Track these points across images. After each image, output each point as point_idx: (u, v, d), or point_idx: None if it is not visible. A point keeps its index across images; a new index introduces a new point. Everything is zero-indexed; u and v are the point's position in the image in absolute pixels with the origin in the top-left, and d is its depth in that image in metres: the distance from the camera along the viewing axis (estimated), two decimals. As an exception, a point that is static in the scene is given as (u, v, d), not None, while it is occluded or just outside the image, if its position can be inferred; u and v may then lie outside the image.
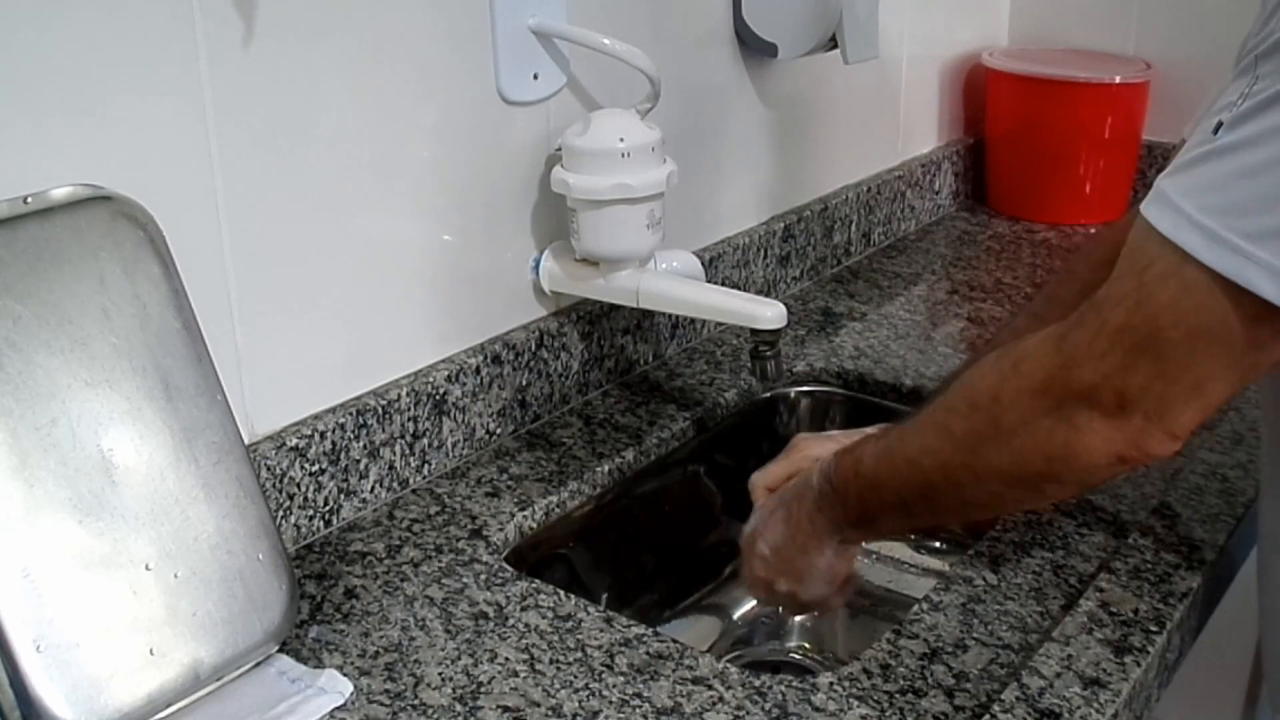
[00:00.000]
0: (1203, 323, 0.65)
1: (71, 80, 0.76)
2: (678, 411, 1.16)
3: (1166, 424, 0.68)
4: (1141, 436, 0.69)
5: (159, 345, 0.75)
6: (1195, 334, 0.65)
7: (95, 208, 0.74)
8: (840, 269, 1.53)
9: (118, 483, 0.72)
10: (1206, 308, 0.64)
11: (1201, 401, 0.68)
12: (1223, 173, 0.63)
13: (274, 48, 0.86)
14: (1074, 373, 0.70)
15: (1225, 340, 0.65)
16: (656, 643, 0.83)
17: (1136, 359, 0.67)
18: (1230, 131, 0.63)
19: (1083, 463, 0.72)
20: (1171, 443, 0.69)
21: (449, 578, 0.91)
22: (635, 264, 1.08)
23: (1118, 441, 0.70)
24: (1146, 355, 0.67)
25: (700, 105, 1.26)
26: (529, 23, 1.03)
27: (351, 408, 0.96)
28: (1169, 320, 0.66)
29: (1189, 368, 0.66)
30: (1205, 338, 0.65)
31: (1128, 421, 0.69)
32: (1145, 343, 0.67)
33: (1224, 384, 0.67)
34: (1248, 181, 0.62)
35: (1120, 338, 0.68)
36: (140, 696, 0.71)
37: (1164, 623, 0.84)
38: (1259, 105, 0.62)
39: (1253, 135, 0.62)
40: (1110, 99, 1.66)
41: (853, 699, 0.78)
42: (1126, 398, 0.68)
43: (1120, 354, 0.68)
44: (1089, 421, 0.70)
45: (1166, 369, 0.67)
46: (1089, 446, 0.71)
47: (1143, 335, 0.67)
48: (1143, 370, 0.67)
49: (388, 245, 0.98)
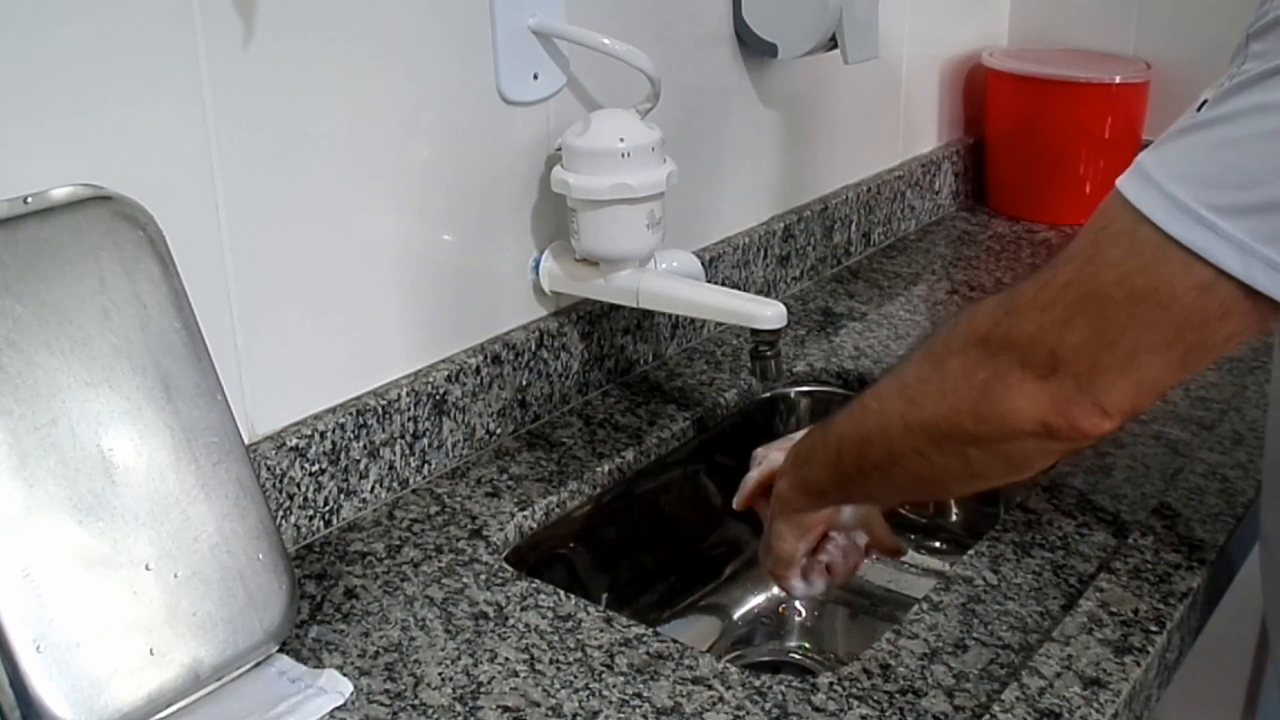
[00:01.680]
0: (1147, 284, 0.64)
1: (71, 80, 0.76)
2: (678, 411, 1.16)
3: (1096, 394, 0.66)
4: (1069, 405, 0.67)
5: (159, 345, 0.75)
6: (1137, 296, 0.64)
7: (95, 208, 0.74)
8: (840, 269, 1.53)
9: (118, 483, 0.72)
10: (1153, 270, 0.63)
11: (1135, 376, 0.66)
12: (1199, 145, 0.63)
13: (274, 48, 0.86)
14: (1014, 320, 0.69)
15: (1167, 307, 0.63)
16: (656, 643, 0.83)
17: (1075, 315, 0.66)
18: (1213, 108, 0.63)
19: (1006, 424, 0.70)
20: (1101, 419, 0.67)
21: (449, 578, 0.91)
22: (635, 264, 1.08)
23: (1043, 405, 0.68)
24: (1085, 312, 0.66)
25: (700, 105, 1.26)
26: (529, 23, 1.03)
27: (351, 408, 0.96)
28: (1113, 277, 0.65)
29: (1125, 331, 0.65)
30: (1147, 301, 0.64)
31: (1057, 384, 0.67)
32: (1086, 299, 0.66)
33: (1160, 362, 0.65)
34: (1221, 154, 0.62)
35: (1064, 292, 0.67)
36: (140, 696, 0.71)
37: (1164, 623, 0.84)
38: (1242, 83, 0.61)
39: (1231, 111, 0.61)
40: (1110, 99, 1.66)
41: (853, 699, 0.78)
42: (1059, 357, 0.67)
43: (1060, 309, 0.66)
44: (1019, 379, 0.68)
45: (1103, 330, 0.65)
46: (1015, 406, 0.69)
47: (1085, 290, 0.66)
48: (1079, 328, 0.66)
49: (388, 245, 0.98)
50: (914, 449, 0.77)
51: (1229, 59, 0.65)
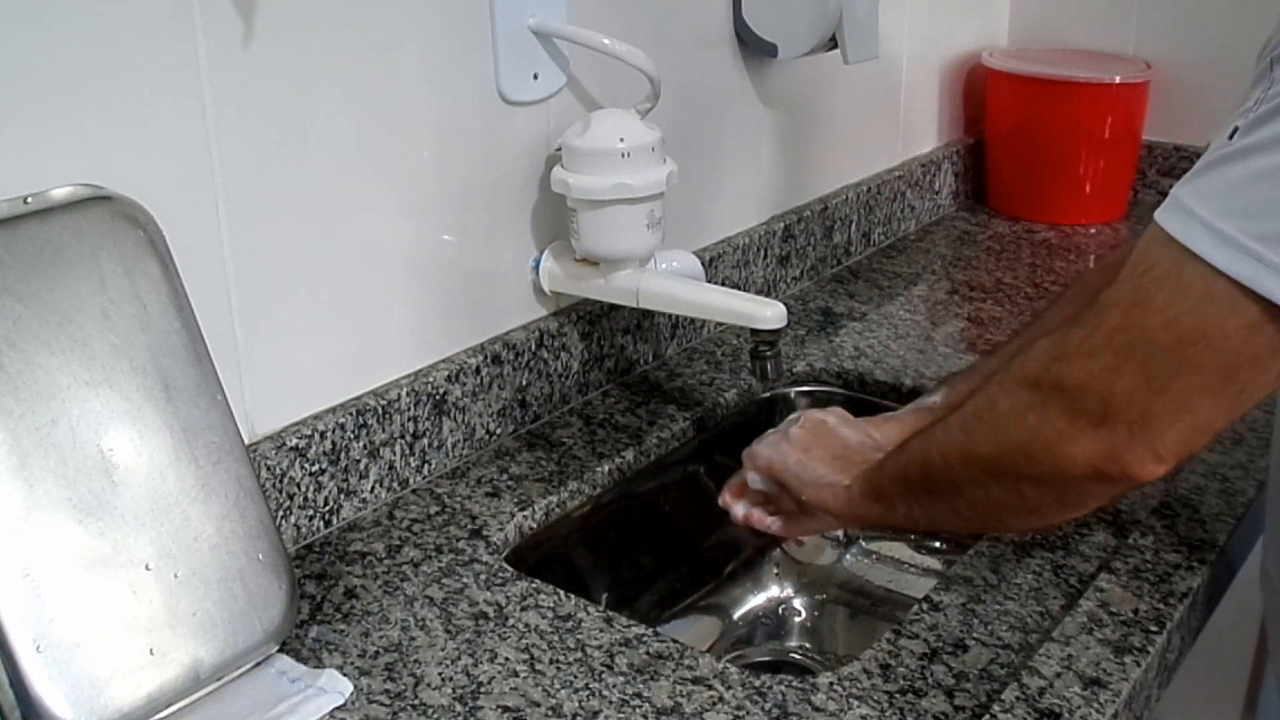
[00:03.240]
0: (1196, 328, 0.63)
1: (71, 80, 0.76)
2: (678, 411, 1.16)
3: (1149, 440, 0.66)
4: (1122, 450, 0.67)
5: (159, 345, 0.75)
6: (1186, 339, 0.64)
7: (95, 208, 0.74)
8: (840, 269, 1.53)
9: (118, 483, 0.72)
10: (1200, 311, 0.63)
11: (1188, 419, 0.66)
12: (1237, 176, 0.62)
13: (274, 47, 0.86)
14: (1064, 368, 0.69)
15: (1217, 349, 0.63)
16: (656, 643, 0.83)
17: (1124, 362, 0.66)
18: (1245, 136, 0.62)
19: (1058, 468, 0.70)
20: (1155, 464, 0.67)
21: (449, 578, 0.91)
22: (635, 264, 1.08)
23: (1096, 453, 0.68)
24: (1135, 359, 0.65)
25: (700, 105, 1.26)
26: (529, 23, 1.03)
27: (351, 408, 0.96)
28: (1160, 322, 0.64)
29: (1176, 376, 0.65)
30: (1197, 345, 0.63)
31: (1110, 432, 0.67)
32: (1135, 345, 0.65)
33: (1213, 404, 0.65)
34: (1263, 185, 0.61)
35: (1112, 338, 0.66)
36: (140, 696, 0.71)
37: (1164, 623, 0.84)
38: (1275, 109, 0.61)
39: (1267, 139, 0.61)
40: (1110, 99, 1.66)
41: (853, 699, 0.78)
42: (1111, 404, 0.67)
43: (1109, 355, 0.66)
44: (1071, 425, 0.69)
45: (1153, 377, 0.65)
46: (1067, 452, 0.69)
47: (1134, 337, 0.65)
48: (1129, 375, 0.66)
49: (388, 245, 0.98)
50: (973, 480, 0.77)
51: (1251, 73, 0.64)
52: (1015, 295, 1.45)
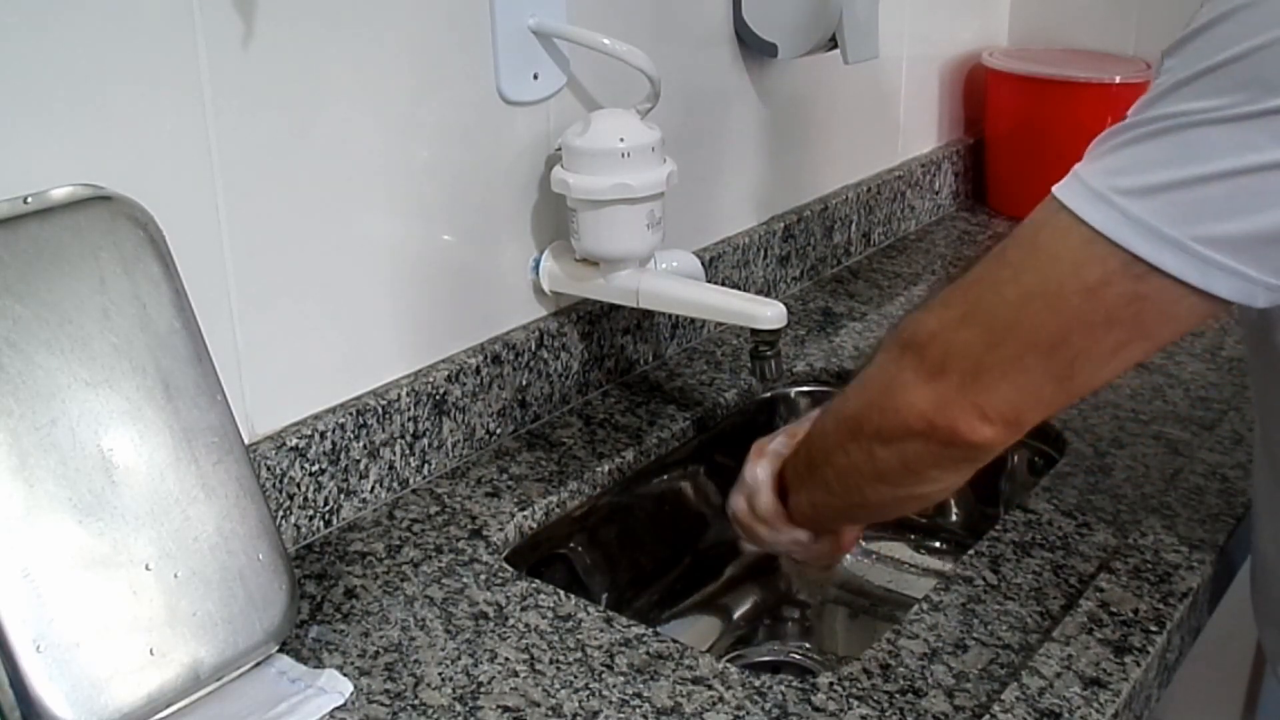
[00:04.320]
0: (1038, 284, 0.65)
1: (71, 80, 0.76)
2: (678, 411, 1.16)
3: (977, 395, 0.68)
4: (950, 405, 0.69)
5: (159, 345, 0.75)
6: (1027, 295, 0.66)
7: (95, 208, 0.74)
8: (840, 269, 1.53)
9: (118, 483, 0.72)
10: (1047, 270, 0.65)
11: (1018, 380, 0.67)
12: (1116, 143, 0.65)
13: (274, 47, 0.86)
14: (921, 317, 0.71)
15: (1055, 308, 0.65)
16: (656, 643, 0.83)
17: (970, 313, 0.68)
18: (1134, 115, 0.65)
19: (900, 419, 0.72)
20: (980, 423, 0.69)
21: (449, 578, 0.91)
22: (635, 264, 1.07)
23: (927, 400, 0.70)
24: (979, 310, 0.68)
25: (700, 105, 1.25)
26: (529, 23, 1.03)
27: (351, 408, 0.96)
28: (1009, 276, 0.67)
29: (1013, 331, 0.67)
30: (1036, 301, 0.66)
31: (943, 383, 0.69)
32: (982, 297, 0.68)
33: (1043, 368, 0.67)
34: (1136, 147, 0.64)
35: (967, 292, 0.69)
36: (140, 696, 0.71)
37: (1164, 623, 0.84)
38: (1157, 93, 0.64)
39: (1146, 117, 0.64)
40: (1110, 99, 1.66)
41: (853, 699, 0.78)
42: (948, 355, 0.69)
43: (959, 308, 0.69)
44: (914, 375, 0.71)
45: (992, 328, 0.67)
46: (905, 401, 0.71)
47: (983, 289, 0.68)
48: (971, 327, 0.68)
49: (388, 245, 0.98)
50: (837, 444, 0.79)
51: None
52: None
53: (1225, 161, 0.61)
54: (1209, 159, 0.61)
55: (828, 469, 0.83)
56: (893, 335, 0.75)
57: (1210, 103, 0.61)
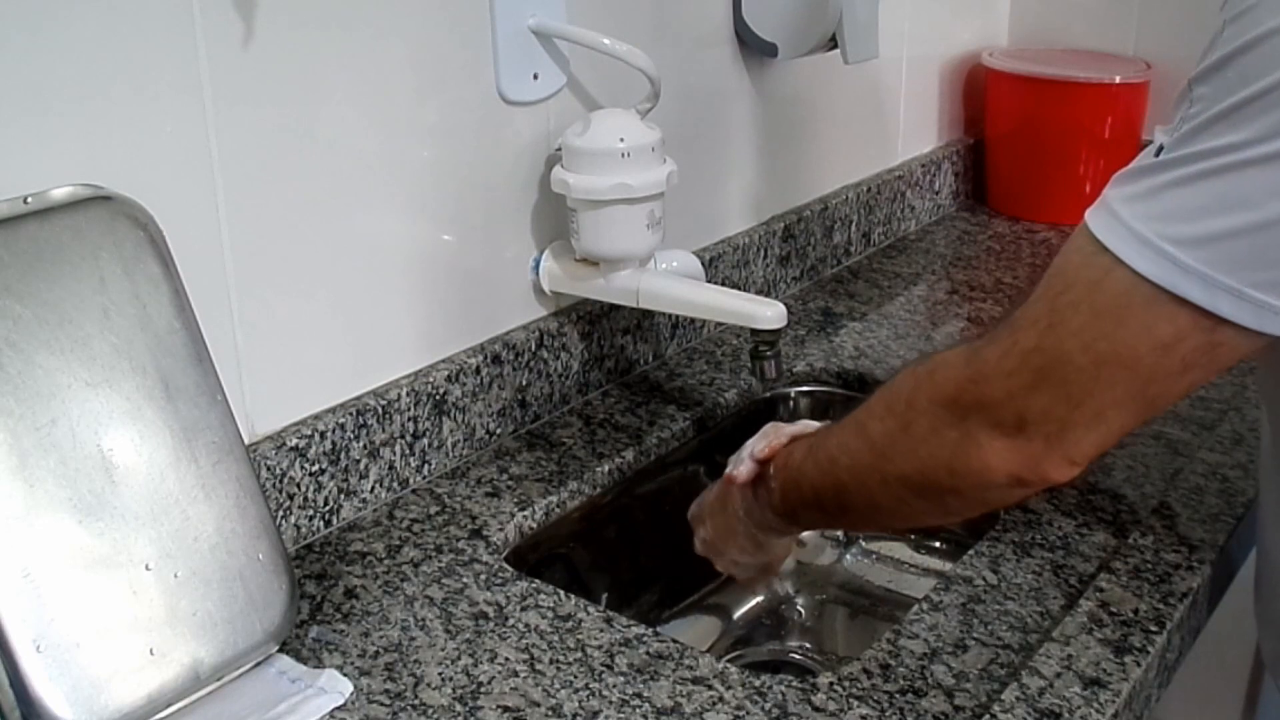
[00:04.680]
0: (1111, 350, 0.66)
1: (71, 80, 0.76)
2: (678, 411, 1.16)
3: (1065, 450, 0.69)
4: (1039, 460, 0.70)
5: (159, 345, 0.75)
6: (1102, 361, 0.66)
7: (95, 208, 0.74)
8: (840, 269, 1.53)
9: (118, 483, 0.72)
10: (1116, 335, 0.65)
11: (1102, 429, 0.68)
12: (1160, 185, 0.64)
13: (274, 48, 0.86)
14: (981, 388, 0.71)
15: (1131, 369, 0.66)
16: (656, 643, 0.83)
17: (1041, 382, 0.68)
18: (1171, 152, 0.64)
19: (981, 479, 0.73)
20: (1069, 469, 0.70)
21: (449, 578, 0.91)
22: (635, 264, 1.08)
23: (1015, 462, 0.71)
24: (1051, 380, 0.68)
25: (700, 105, 1.25)
26: (529, 23, 1.03)
27: (351, 408, 0.96)
28: (1077, 346, 0.67)
29: (1092, 394, 0.67)
30: (1112, 365, 0.66)
31: (1027, 443, 0.70)
32: (1051, 367, 0.68)
33: (1126, 414, 0.68)
34: (1183, 191, 0.63)
35: (1028, 359, 0.69)
36: (140, 696, 0.71)
37: (1164, 623, 0.84)
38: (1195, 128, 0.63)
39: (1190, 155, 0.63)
40: (1110, 99, 1.66)
41: (853, 699, 0.78)
42: (1027, 420, 0.69)
43: (1026, 375, 0.69)
44: (989, 439, 0.71)
45: (1069, 395, 0.68)
46: (988, 464, 0.72)
47: (1049, 359, 0.68)
48: (1046, 394, 0.68)
49: (388, 245, 0.98)
50: (895, 497, 0.79)
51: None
52: (1015, 295, 1.45)
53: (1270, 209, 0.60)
54: (1258, 205, 0.61)
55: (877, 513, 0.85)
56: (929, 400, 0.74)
57: (1247, 136, 0.60)
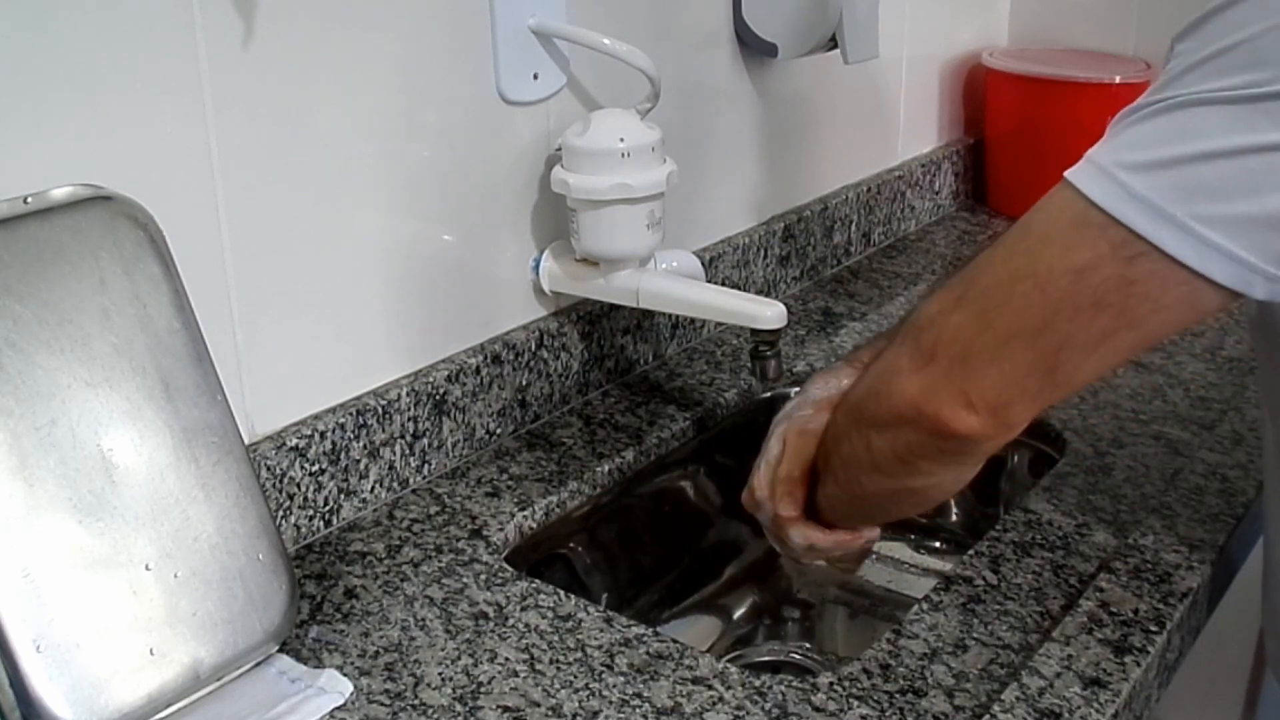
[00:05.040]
0: (1028, 265, 0.66)
1: (71, 80, 0.76)
2: (678, 411, 1.16)
3: (961, 383, 0.68)
4: (937, 391, 0.69)
5: (159, 345, 0.75)
6: (1017, 275, 0.66)
7: (95, 208, 0.74)
8: (840, 269, 1.53)
9: (118, 483, 0.72)
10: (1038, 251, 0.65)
11: (1004, 367, 0.67)
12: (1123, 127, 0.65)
13: (274, 47, 0.86)
14: (922, 305, 0.72)
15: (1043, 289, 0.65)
16: (656, 643, 0.83)
17: (963, 296, 0.68)
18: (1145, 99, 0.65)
19: (892, 404, 0.72)
20: (965, 412, 0.69)
21: (449, 578, 0.91)
22: (635, 264, 1.08)
23: (916, 386, 0.70)
24: (969, 295, 0.68)
25: (700, 105, 1.25)
26: (529, 23, 1.03)
27: (351, 408, 0.96)
28: (1000, 258, 0.67)
29: (1000, 312, 0.67)
30: (1025, 281, 0.66)
31: (932, 367, 0.69)
32: (975, 279, 0.68)
33: (1030, 356, 0.67)
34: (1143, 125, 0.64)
35: (964, 277, 0.69)
36: (140, 696, 0.71)
37: (1164, 623, 0.84)
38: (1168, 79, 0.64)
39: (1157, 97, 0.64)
40: (1110, 99, 1.66)
41: (853, 699, 0.78)
42: (940, 339, 0.69)
43: (957, 290, 0.69)
44: (909, 360, 0.71)
45: (981, 311, 0.67)
46: (897, 387, 0.72)
47: (977, 273, 0.68)
48: (964, 310, 0.68)
49: (388, 245, 0.98)
50: (844, 431, 0.80)
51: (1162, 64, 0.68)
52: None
53: (1226, 140, 0.61)
54: (1210, 136, 0.61)
55: (835, 459, 0.83)
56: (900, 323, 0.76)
57: (1216, 83, 0.61)
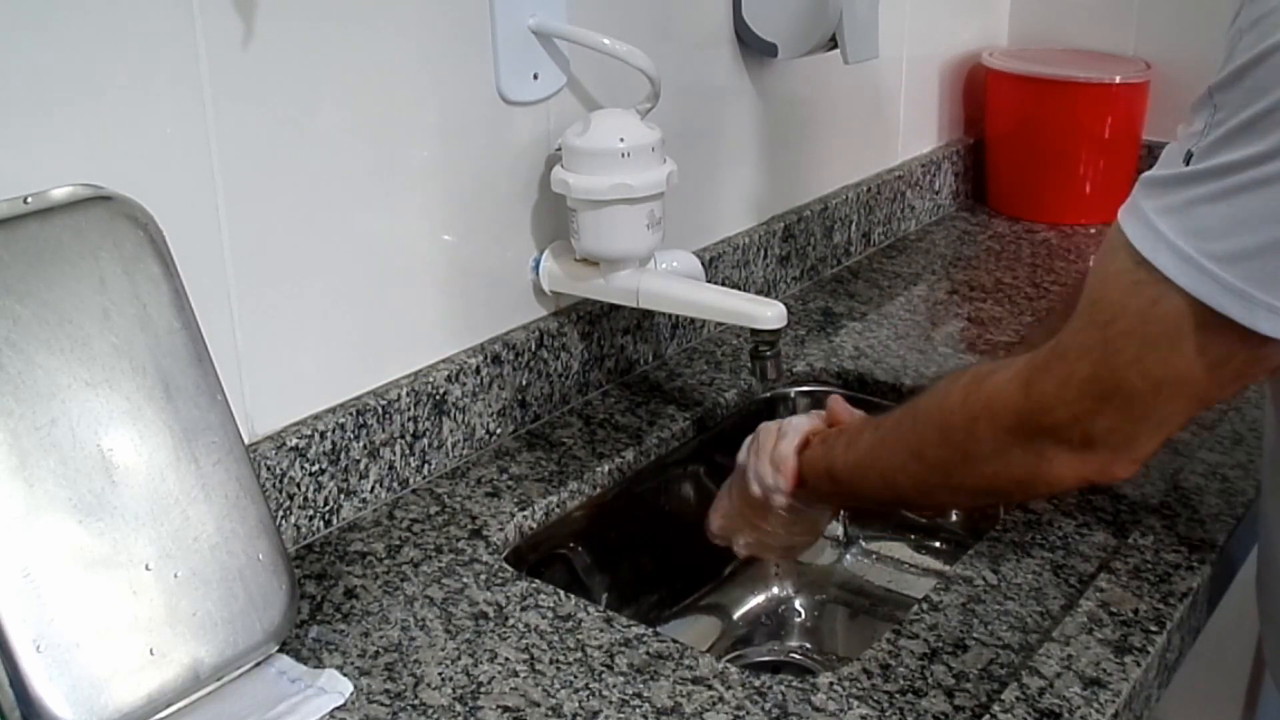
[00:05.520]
0: (1168, 373, 0.69)
1: (71, 80, 0.76)
2: (678, 411, 1.16)
3: (1132, 454, 0.74)
4: (1108, 465, 0.74)
5: (159, 345, 0.75)
6: (1160, 384, 0.69)
7: (95, 208, 0.74)
8: (840, 269, 1.53)
9: (118, 483, 0.72)
10: (1170, 360, 0.68)
11: (1164, 432, 0.73)
12: (1195, 198, 0.66)
13: (274, 46, 0.86)
14: (1044, 418, 0.74)
15: (1189, 386, 0.69)
16: (656, 643, 0.83)
17: (1103, 406, 0.72)
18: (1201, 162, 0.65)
19: (1050, 487, 0.79)
20: (1134, 466, 0.74)
21: (449, 578, 0.91)
22: (635, 264, 1.07)
23: (1086, 471, 0.75)
24: (1113, 403, 0.71)
25: (700, 105, 1.25)
26: (529, 23, 1.03)
27: (351, 408, 0.96)
28: (1135, 374, 0.70)
29: (1154, 410, 0.71)
30: (1170, 385, 0.69)
31: (1095, 455, 0.74)
32: (1111, 394, 0.71)
33: (1186, 417, 0.72)
34: (1219, 206, 0.64)
35: (1087, 388, 0.72)
36: (140, 696, 0.71)
37: (1164, 623, 0.84)
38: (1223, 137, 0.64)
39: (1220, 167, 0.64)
40: (1110, 99, 1.66)
41: (853, 699, 0.78)
42: (1094, 437, 0.73)
43: (1088, 402, 0.72)
44: (1058, 455, 0.75)
45: (1132, 414, 0.71)
46: (1057, 475, 0.76)
47: (1108, 387, 0.71)
48: (1109, 416, 0.72)
49: (388, 245, 0.98)
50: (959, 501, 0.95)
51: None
52: (1015, 295, 1.45)
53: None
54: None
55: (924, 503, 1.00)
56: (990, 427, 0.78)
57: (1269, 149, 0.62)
